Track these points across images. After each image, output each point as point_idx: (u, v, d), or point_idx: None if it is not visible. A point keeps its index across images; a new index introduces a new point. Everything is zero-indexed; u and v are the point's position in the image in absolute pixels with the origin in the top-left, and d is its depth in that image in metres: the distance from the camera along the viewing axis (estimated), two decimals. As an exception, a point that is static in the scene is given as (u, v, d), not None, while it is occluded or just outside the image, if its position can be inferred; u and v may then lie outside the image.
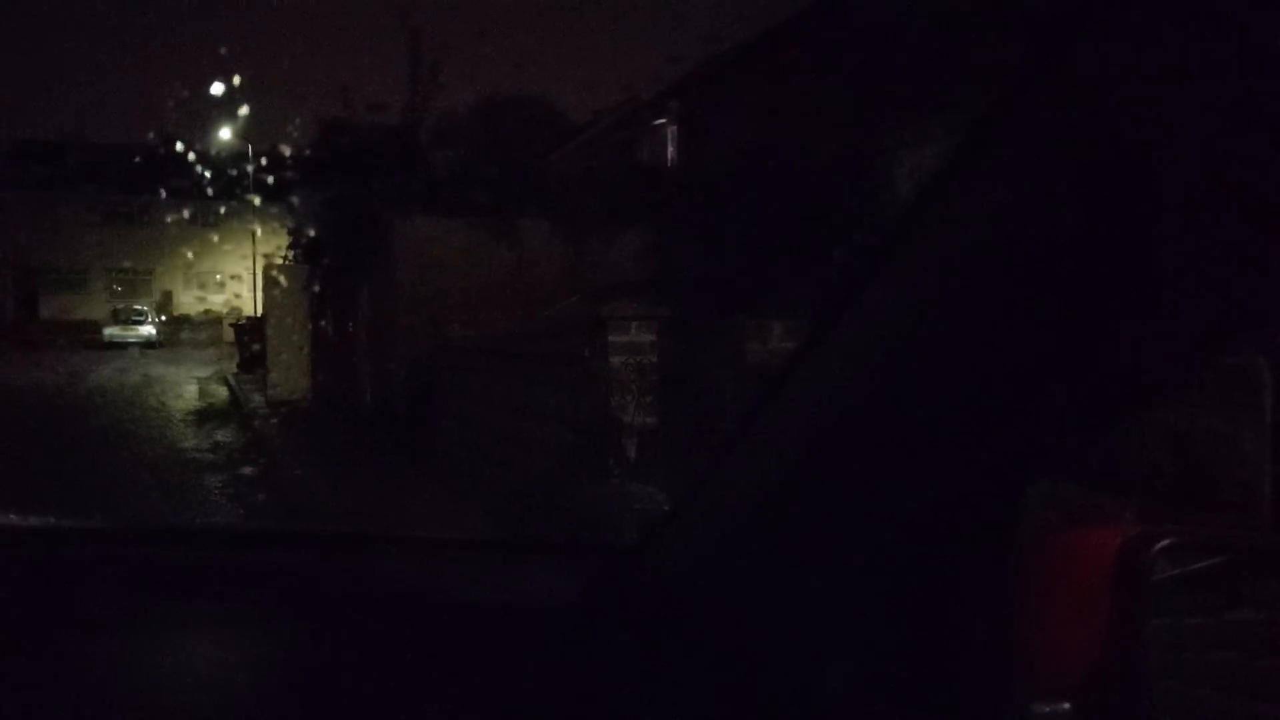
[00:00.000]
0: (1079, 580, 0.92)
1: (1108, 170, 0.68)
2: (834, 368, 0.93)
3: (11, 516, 1.63)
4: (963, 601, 0.90)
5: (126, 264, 43.11)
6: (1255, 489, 2.30)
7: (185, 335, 36.70)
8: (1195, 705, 1.03)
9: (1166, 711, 0.95)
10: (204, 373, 20.73)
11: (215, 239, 38.10)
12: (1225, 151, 0.64)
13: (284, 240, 16.10)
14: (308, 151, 15.43)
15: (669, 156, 15.56)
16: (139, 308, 38.42)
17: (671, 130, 15.65)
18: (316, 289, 14.66)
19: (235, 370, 19.33)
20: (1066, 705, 0.89)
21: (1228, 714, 1.05)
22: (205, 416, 14.09)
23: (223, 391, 17.48)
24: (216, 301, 42.08)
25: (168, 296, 43.24)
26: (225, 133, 19.51)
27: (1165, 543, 0.91)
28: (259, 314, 19.29)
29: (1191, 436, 2.44)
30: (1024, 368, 0.77)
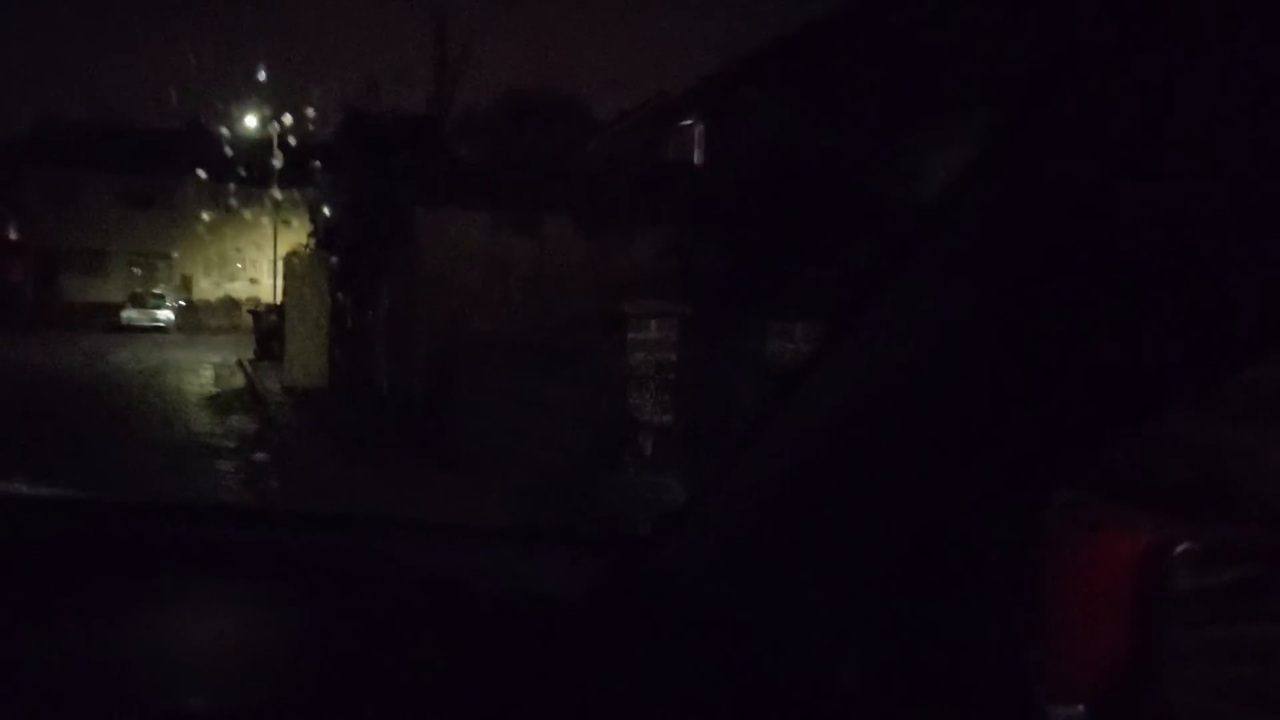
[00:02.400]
0: (1100, 584, 0.91)
1: (1134, 176, 0.67)
2: (854, 368, 0.92)
3: (23, 489, 1.63)
4: (981, 602, 0.90)
5: (147, 247, 43.34)
6: (1278, 501, 2.28)
7: (203, 320, 36.93)
8: (1212, 718, 1.01)
9: (1183, 721, 0.93)
10: (221, 358, 20.85)
11: (236, 225, 38.26)
12: (1251, 158, 0.63)
13: (305, 228, 16.17)
14: (332, 140, 15.52)
15: (694, 154, 15.56)
16: (158, 292, 38.65)
17: (697, 129, 15.66)
18: (336, 277, 14.72)
19: (252, 356, 19.41)
20: (1082, 708, 0.88)
21: (1245, 727, 1.04)
22: (220, 401, 14.16)
23: (239, 377, 17.57)
24: (236, 287, 42.29)
25: (187, 281, 43.44)
26: (250, 119, 19.62)
27: (1188, 548, 0.90)
28: (278, 301, 19.37)
29: (1216, 449, 2.41)
30: (1047, 373, 0.77)
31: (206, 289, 43.27)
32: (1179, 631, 0.92)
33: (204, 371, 18.70)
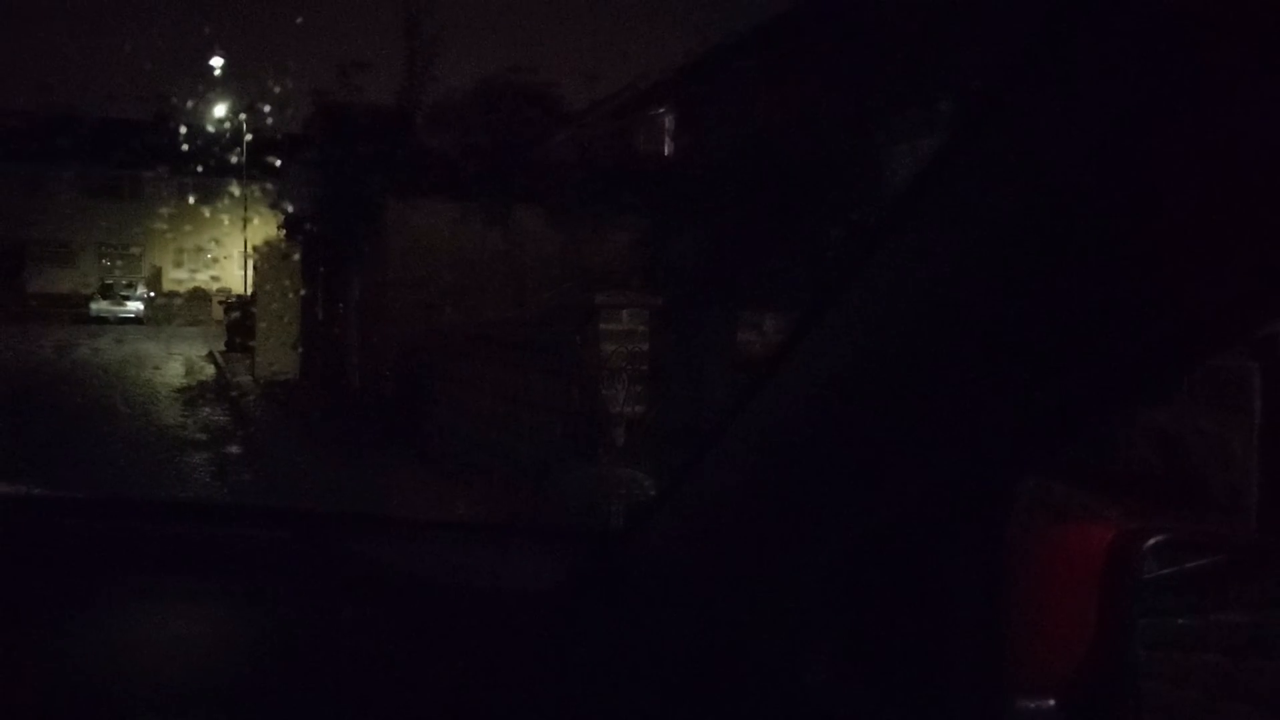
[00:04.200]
0: (1069, 575, 0.91)
1: (1098, 166, 0.67)
2: (822, 359, 0.92)
3: None
4: (950, 593, 0.90)
5: (115, 240, 42.85)
6: (1242, 491, 2.31)
7: (173, 312, 36.53)
8: (1180, 707, 1.02)
9: (1151, 712, 0.94)
10: (191, 350, 20.66)
11: (206, 217, 37.84)
12: (1218, 150, 0.63)
13: (275, 220, 16.03)
14: (303, 131, 15.39)
15: (665, 146, 15.53)
16: (127, 283, 38.22)
17: (668, 120, 15.62)
18: (307, 269, 14.62)
19: (223, 349, 19.26)
20: (1052, 702, 0.89)
21: (1212, 716, 1.05)
22: (191, 394, 14.04)
23: (210, 369, 17.43)
24: (205, 279, 41.86)
25: (156, 273, 42.98)
26: (219, 110, 19.41)
27: (1157, 539, 0.90)
28: (248, 293, 19.22)
29: (1180, 438, 2.44)
30: (1014, 363, 0.77)
31: (176, 280, 42.79)
32: (1146, 621, 0.92)
33: (174, 364, 18.52)
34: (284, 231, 15.49)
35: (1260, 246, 0.66)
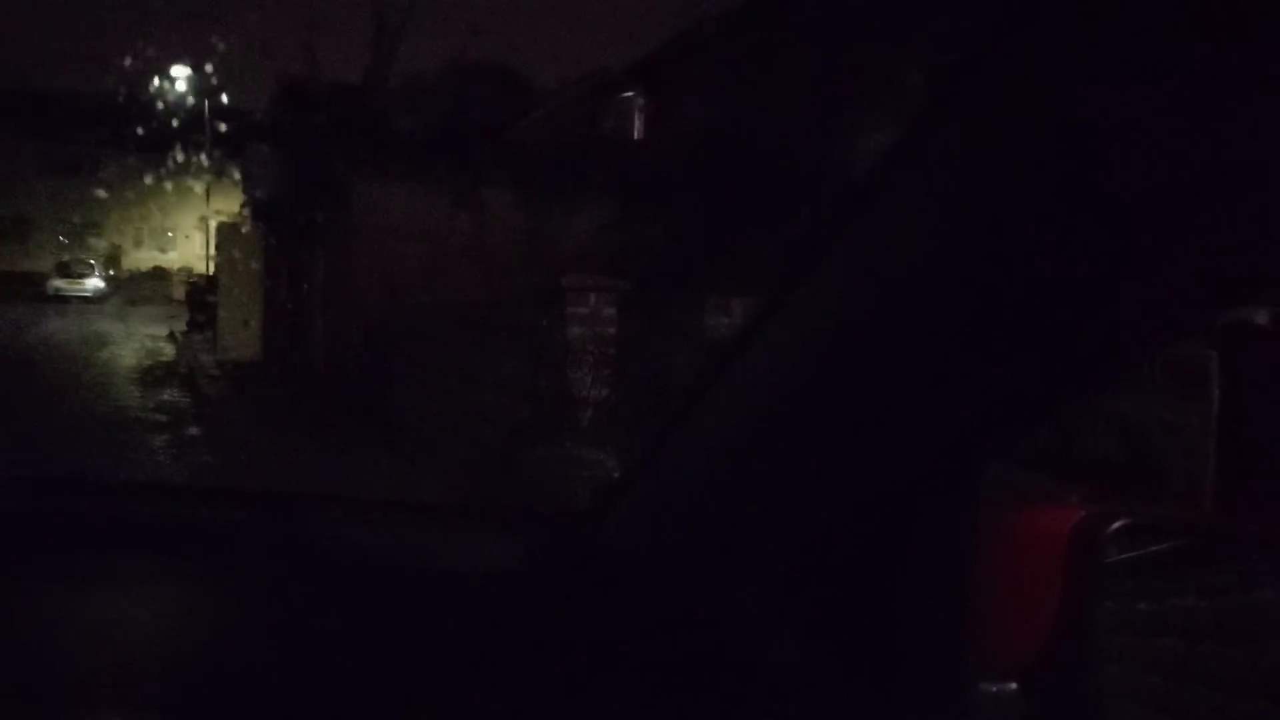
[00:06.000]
0: (1032, 559, 0.92)
1: (1059, 155, 0.67)
2: (787, 342, 0.92)
3: None
4: (914, 577, 0.90)
5: (74, 217, 42.18)
6: (1199, 477, 2.35)
7: (134, 291, 36.10)
8: (1140, 691, 1.03)
9: (1112, 696, 0.95)
10: (152, 330, 20.44)
11: (167, 195, 37.30)
12: (1175, 139, 0.63)
13: (239, 199, 15.89)
14: (267, 109, 15.24)
15: (635, 130, 15.52)
16: (86, 261, 37.69)
17: (638, 104, 15.61)
18: (271, 249, 14.49)
19: (184, 329, 19.08)
20: (1014, 686, 0.89)
21: (1171, 699, 1.06)
22: (151, 375, 13.89)
23: (171, 350, 17.25)
24: (166, 258, 41.42)
25: (116, 251, 42.44)
26: (182, 87, 19.18)
27: (1120, 524, 0.91)
28: (211, 272, 19.04)
29: (1140, 425, 2.47)
30: (979, 349, 0.77)
31: (136, 259, 42.31)
32: (1107, 605, 0.93)
33: (134, 344, 18.31)
34: (246, 210, 15.36)
35: (1219, 235, 0.66)
